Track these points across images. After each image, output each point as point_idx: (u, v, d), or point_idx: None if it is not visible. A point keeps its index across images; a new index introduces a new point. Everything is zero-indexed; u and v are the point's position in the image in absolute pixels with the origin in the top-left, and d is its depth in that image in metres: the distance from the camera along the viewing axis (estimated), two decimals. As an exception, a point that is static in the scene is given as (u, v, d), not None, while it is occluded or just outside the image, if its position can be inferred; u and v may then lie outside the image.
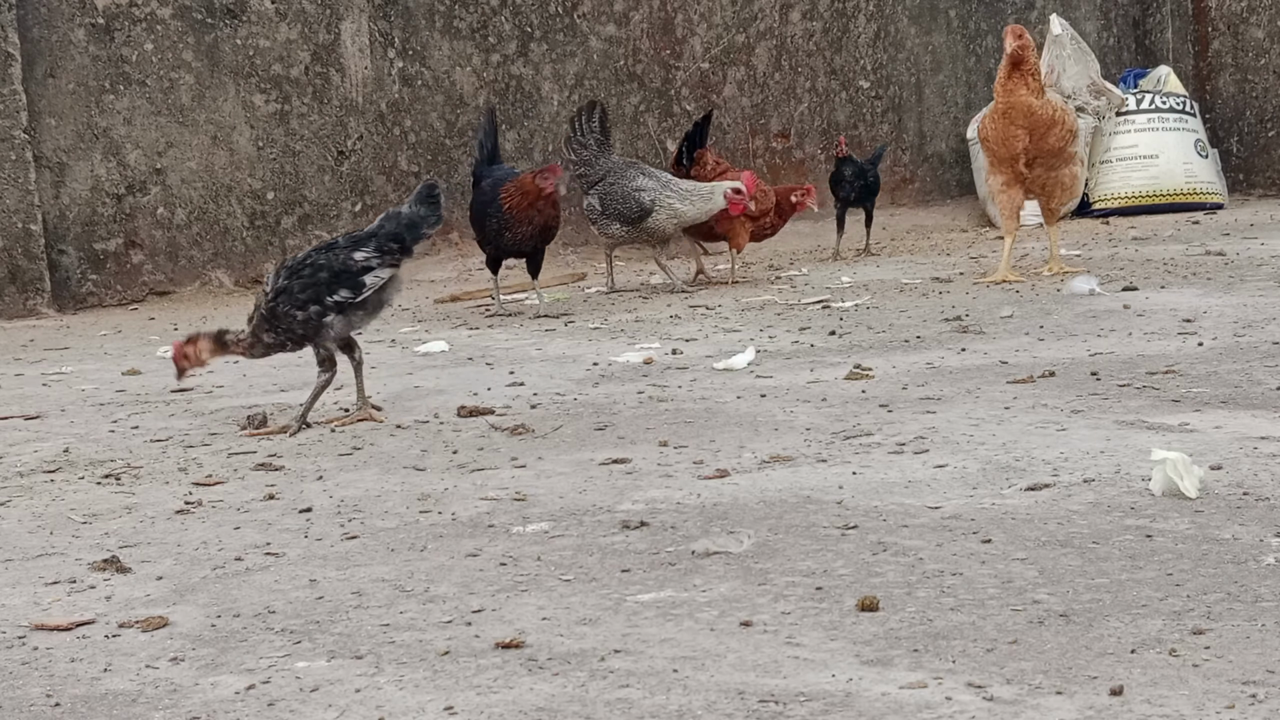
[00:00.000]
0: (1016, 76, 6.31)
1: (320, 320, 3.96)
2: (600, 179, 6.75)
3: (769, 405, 3.94)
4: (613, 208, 6.67)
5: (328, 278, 3.97)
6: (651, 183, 6.66)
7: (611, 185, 6.70)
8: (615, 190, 6.68)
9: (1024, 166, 6.34)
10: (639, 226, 6.66)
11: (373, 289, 4.00)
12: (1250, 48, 10.24)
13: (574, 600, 2.40)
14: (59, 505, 3.26)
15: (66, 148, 7.14)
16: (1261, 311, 5.05)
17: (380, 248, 4.03)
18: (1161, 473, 2.83)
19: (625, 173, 6.72)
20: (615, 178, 6.72)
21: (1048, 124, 6.28)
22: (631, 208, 6.62)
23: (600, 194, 6.72)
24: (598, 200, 6.73)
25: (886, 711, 1.88)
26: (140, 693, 2.10)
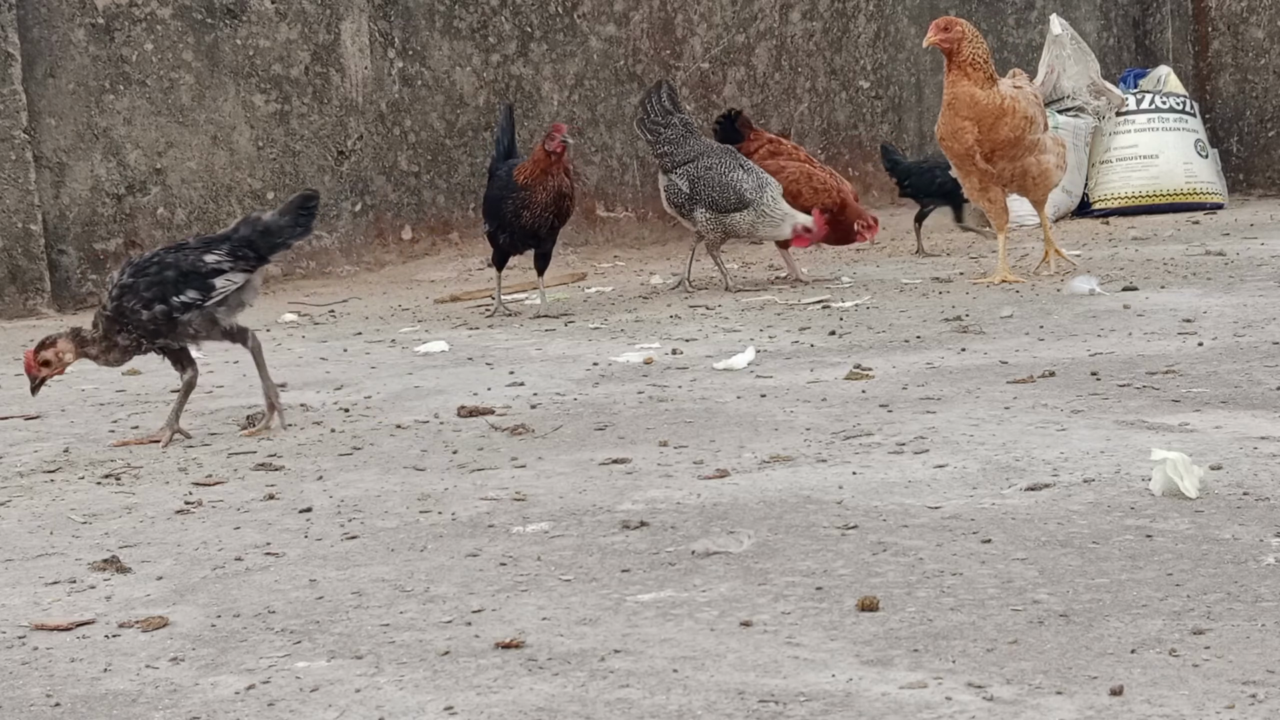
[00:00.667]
0: (956, 70, 6.22)
1: (169, 319, 3.85)
2: (690, 160, 6.54)
3: (769, 405, 3.94)
4: (706, 194, 6.46)
5: (175, 277, 3.86)
6: (750, 179, 6.46)
7: (708, 170, 6.47)
8: (713, 177, 6.45)
9: (984, 161, 6.22)
10: (726, 218, 6.47)
11: (223, 293, 3.89)
12: (1250, 48, 10.24)
13: (574, 600, 2.40)
14: (59, 505, 3.26)
15: (66, 148, 7.14)
16: (1261, 311, 5.05)
17: (233, 252, 3.92)
18: (1161, 473, 2.83)
19: (724, 160, 6.50)
20: (713, 163, 6.50)
21: (995, 114, 6.15)
22: (729, 198, 6.41)
23: (691, 176, 6.51)
24: (686, 183, 6.51)
25: (886, 711, 1.88)
26: (140, 693, 2.10)
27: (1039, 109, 6.36)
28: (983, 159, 6.23)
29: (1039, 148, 6.29)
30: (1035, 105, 6.33)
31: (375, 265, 7.91)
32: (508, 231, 6.10)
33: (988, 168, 6.24)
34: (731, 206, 6.41)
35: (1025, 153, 6.25)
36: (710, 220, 6.48)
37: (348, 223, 7.86)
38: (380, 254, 7.96)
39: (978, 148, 6.20)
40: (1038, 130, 6.29)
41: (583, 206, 8.50)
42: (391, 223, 7.98)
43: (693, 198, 6.47)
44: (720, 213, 6.45)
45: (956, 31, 6.21)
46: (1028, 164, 6.27)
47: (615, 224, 8.72)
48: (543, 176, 6.00)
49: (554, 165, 6.00)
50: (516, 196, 6.02)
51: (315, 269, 7.77)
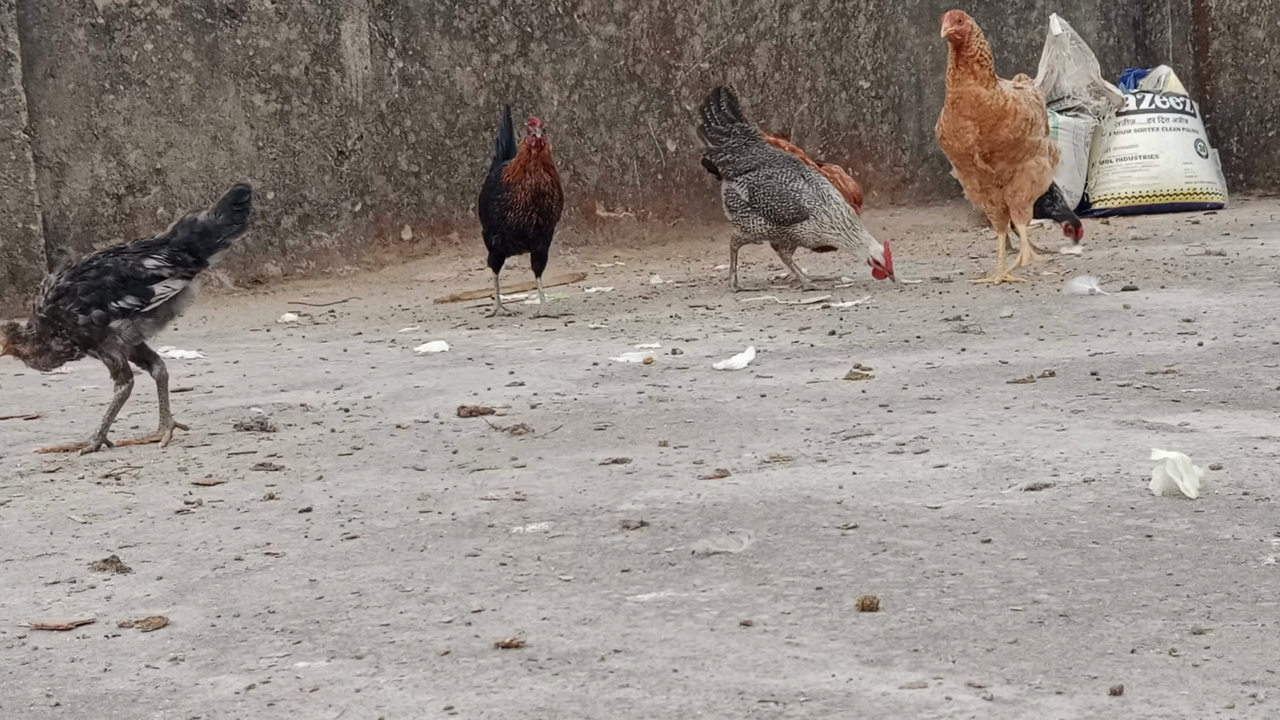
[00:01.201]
0: (962, 66, 6.19)
1: (105, 325, 3.79)
2: (752, 168, 6.44)
3: (769, 405, 3.94)
4: (765, 203, 6.36)
5: (114, 282, 3.80)
6: (810, 189, 6.34)
7: (769, 179, 6.38)
8: (772, 186, 6.36)
9: (983, 161, 6.20)
10: (785, 228, 6.37)
11: (162, 300, 3.83)
12: (1250, 48, 10.24)
13: (574, 600, 2.40)
14: (59, 505, 3.26)
15: (66, 148, 7.14)
16: (1261, 311, 5.05)
17: (173, 257, 3.85)
18: (1161, 473, 2.83)
19: (785, 169, 6.40)
20: (773, 171, 6.41)
21: (997, 115, 6.13)
22: (788, 208, 6.31)
23: (750, 184, 6.41)
24: (746, 190, 6.41)
25: (886, 711, 1.88)
26: (140, 693, 2.10)
27: (1040, 111, 6.34)
28: (982, 159, 6.20)
29: (1038, 150, 6.26)
30: (1036, 107, 6.31)
31: (375, 265, 7.91)
32: (498, 233, 6.12)
33: (986, 168, 6.22)
34: (790, 217, 6.32)
35: (1025, 155, 6.23)
36: (770, 229, 6.40)
37: (348, 223, 7.86)
38: (380, 254, 7.96)
39: (977, 148, 6.17)
40: (1038, 132, 6.26)
41: (582, 206, 8.50)
42: (391, 223, 7.98)
43: (751, 206, 6.40)
44: (780, 224, 6.36)
45: (968, 24, 6.21)
46: (1028, 165, 6.24)
47: (615, 224, 8.72)
48: (522, 174, 5.99)
49: (533, 160, 5.97)
50: (501, 197, 6.02)
51: (315, 269, 7.77)
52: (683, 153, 8.88)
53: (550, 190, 6.04)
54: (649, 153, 8.74)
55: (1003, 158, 6.21)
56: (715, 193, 8.99)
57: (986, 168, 6.23)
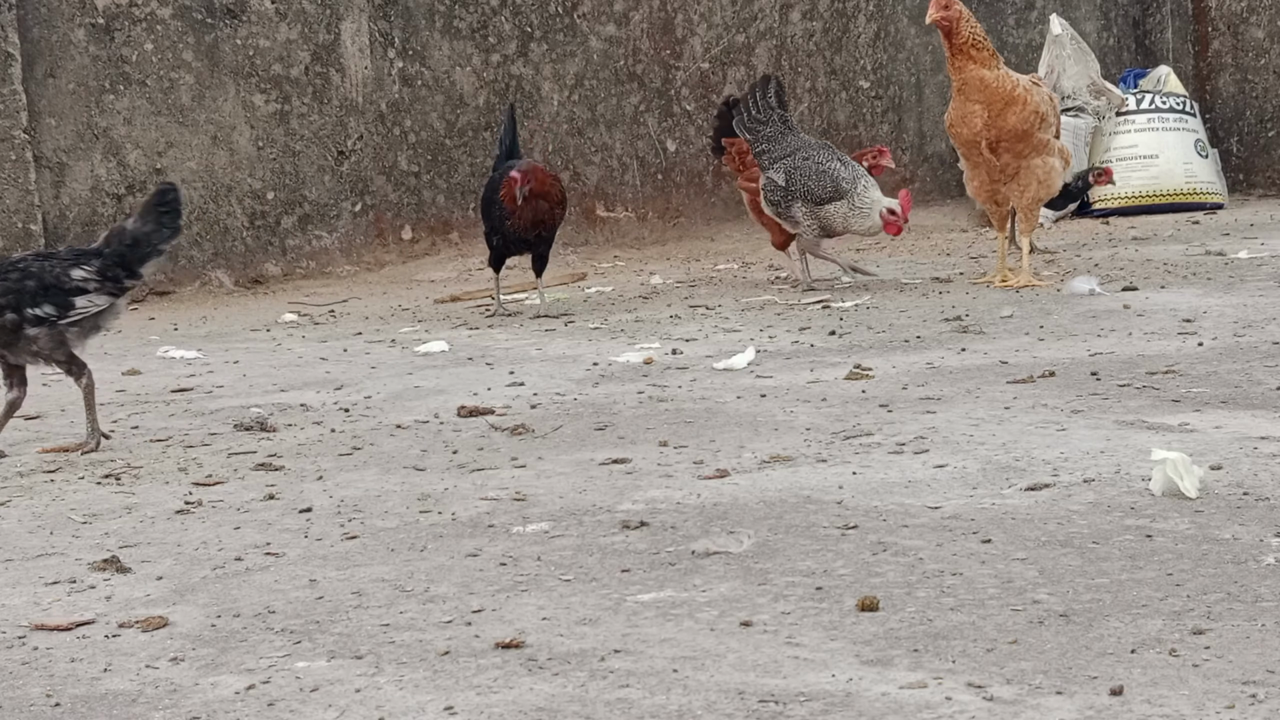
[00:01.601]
0: (958, 53, 6.11)
1: (18, 331, 3.64)
2: (787, 155, 6.34)
3: (769, 405, 3.94)
4: (801, 184, 6.24)
5: (34, 288, 3.64)
6: (846, 170, 6.23)
7: (804, 160, 6.27)
8: (808, 166, 6.25)
9: (989, 151, 6.05)
10: (820, 210, 6.22)
11: (83, 314, 3.67)
12: (1250, 48, 10.24)
13: (574, 600, 2.40)
14: (59, 505, 3.26)
15: (66, 148, 7.14)
16: (1261, 311, 5.06)
17: (103, 271, 3.67)
18: (1161, 473, 2.83)
19: (819, 151, 6.32)
20: (808, 153, 6.31)
21: (1005, 99, 6.01)
22: (826, 186, 6.19)
23: (787, 169, 6.30)
24: (782, 176, 6.30)
25: (886, 711, 1.88)
26: (140, 693, 2.10)
27: (1052, 110, 6.21)
28: (988, 148, 6.05)
29: (1047, 149, 6.15)
30: (1049, 105, 6.20)
31: (375, 265, 7.91)
32: (499, 235, 6.10)
33: (992, 159, 6.07)
34: (827, 196, 6.19)
35: (1034, 151, 6.10)
36: (807, 214, 6.27)
37: (348, 223, 7.85)
38: (380, 254, 7.96)
39: (985, 133, 6.02)
40: (1048, 130, 6.14)
41: (583, 206, 8.50)
42: (391, 223, 7.98)
43: (789, 191, 6.27)
44: (816, 204, 6.22)
45: (955, 10, 6.10)
46: (1034, 164, 6.11)
47: (615, 224, 8.72)
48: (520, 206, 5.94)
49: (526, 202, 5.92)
50: (503, 208, 6.00)
51: (315, 269, 7.77)
52: (683, 153, 8.88)
53: (547, 216, 6.01)
54: (649, 153, 8.74)
55: (1009, 150, 6.07)
56: (715, 193, 9.01)
57: (992, 159, 6.07)
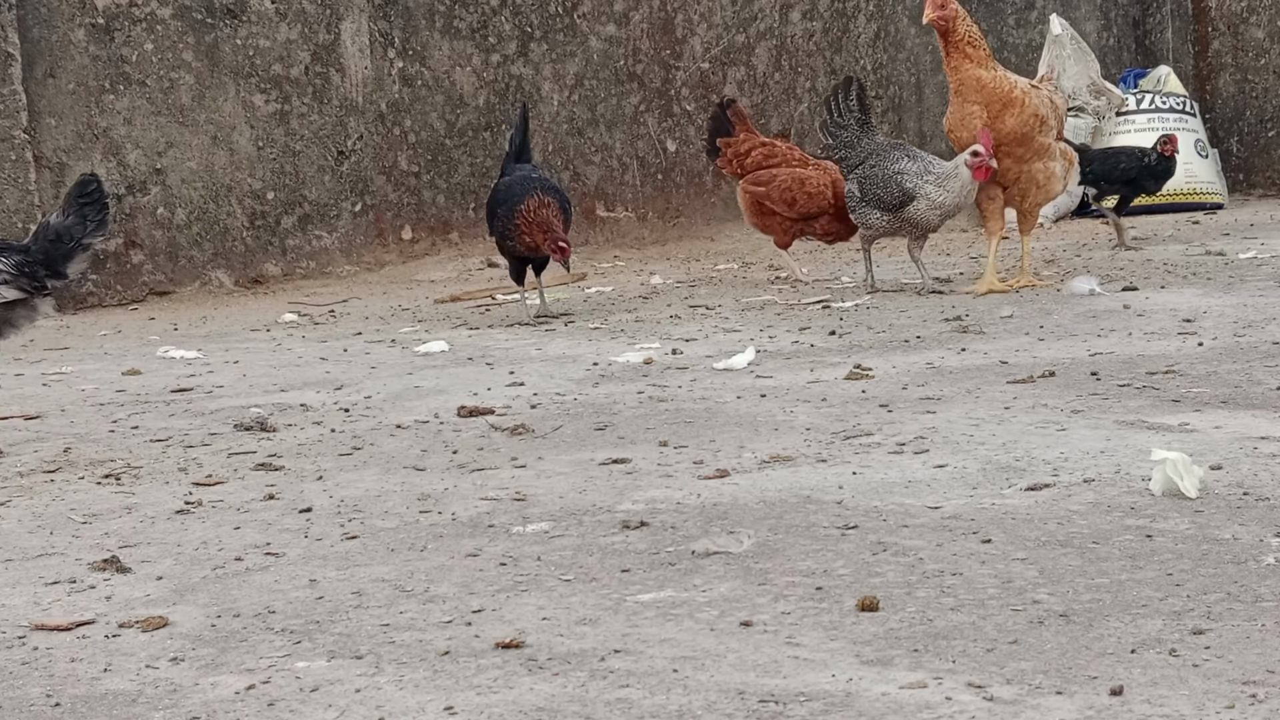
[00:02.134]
0: (954, 52, 6.07)
1: None
2: (861, 162, 6.24)
3: (769, 405, 3.94)
4: (871, 193, 6.13)
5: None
6: (913, 165, 6.08)
7: (872, 168, 6.16)
8: (876, 173, 6.14)
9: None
10: (898, 215, 6.10)
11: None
12: (1250, 48, 10.25)
13: (574, 600, 2.40)
14: (59, 505, 3.25)
15: (66, 148, 7.14)
16: (1261, 311, 5.06)
17: (19, 266, 3.50)
18: (1161, 473, 2.83)
19: (888, 154, 6.17)
20: (877, 160, 6.18)
21: (1003, 100, 5.99)
22: (892, 192, 6.07)
23: (860, 179, 6.21)
24: (857, 185, 6.22)
25: (886, 711, 1.88)
26: (140, 693, 2.10)
27: (1053, 112, 6.13)
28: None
29: (1047, 152, 6.08)
30: (1049, 108, 6.12)
31: (375, 265, 7.91)
32: (497, 234, 6.00)
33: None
34: (897, 202, 6.07)
35: (1034, 155, 6.05)
36: (891, 220, 6.13)
37: (348, 223, 7.85)
38: (380, 254, 7.96)
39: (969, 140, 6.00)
40: (1049, 133, 6.07)
41: (583, 206, 8.50)
42: (391, 223, 7.98)
43: (864, 200, 6.18)
44: (892, 211, 6.11)
45: (951, 9, 6.08)
46: (1034, 168, 6.06)
47: (615, 224, 8.72)
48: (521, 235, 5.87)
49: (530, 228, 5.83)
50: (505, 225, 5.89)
51: (315, 269, 7.77)
52: (683, 153, 8.89)
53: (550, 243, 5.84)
54: (649, 153, 8.74)
55: (1008, 155, 6.00)
56: (715, 193, 9.01)
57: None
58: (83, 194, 3.51)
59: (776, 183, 6.73)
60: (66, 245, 3.52)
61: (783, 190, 6.71)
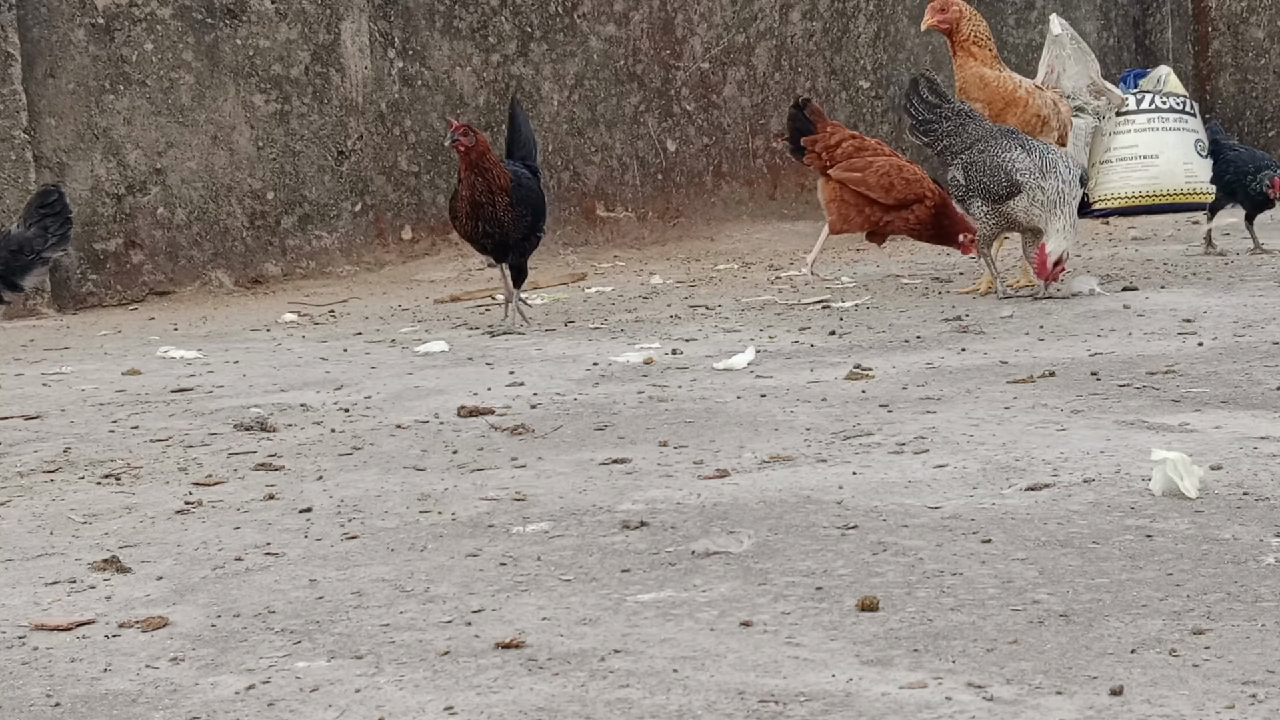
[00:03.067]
0: (960, 51, 6.07)
1: None
2: (967, 147, 5.82)
3: (769, 405, 3.94)
4: (978, 181, 5.69)
5: None
6: (1028, 160, 5.64)
7: (980, 154, 5.73)
8: (984, 160, 5.70)
9: None
10: (1002, 207, 5.67)
11: None
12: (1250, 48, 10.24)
13: (574, 600, 2.40)
14: (59, 505, 3.25)
15: (66, 148, 7.14)
16: (1261, 311, 5.06)
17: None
18: (1161, 473, 2.83)
19: (999, 141, 5.74)
20: (986, 145, 5.76)
21: (1006, 99, 5.99)
22: (1000, 181, 5.63)
23: (965, 164, 5.78)
24: (961, 172, 5.79)
25: (886, 711, 1.88)
26: (140, 693, 2.10)
27: (1055, 114, 6.10)
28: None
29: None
30: (1051, 109, 6.10)
31: (375, 265, 7.91)
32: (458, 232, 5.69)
33: None
34: (1004, 193, 5.64)
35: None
36: (990, 212, 5.74)
37: (348, 223, 7.85)
38: (380, 254, 7.96)
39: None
40: (1050, 135, 6.05)
41: (582, 206, 8.50)
42: (391, 223, 7.98)
43: (969, 188, 5.77)
44: (995, 202, 5.69)
45: (954, 11, 6.06)
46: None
47: (615, 224, 8.72)
48: (459, 183, 5.54)
49: (463, 169, 5.47)
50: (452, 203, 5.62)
51: (315, 269, 7.77)
52: (683, 153, 8.89)
53: (485, 199, 5.46)
54: (649, 153, 8.74)
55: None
56: (715, 193, 9.01)
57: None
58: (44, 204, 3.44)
59: (874, 168, 6.65)
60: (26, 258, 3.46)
61: (880, 175, 6.64)
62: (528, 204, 5.52)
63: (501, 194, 5.43)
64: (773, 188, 9.20)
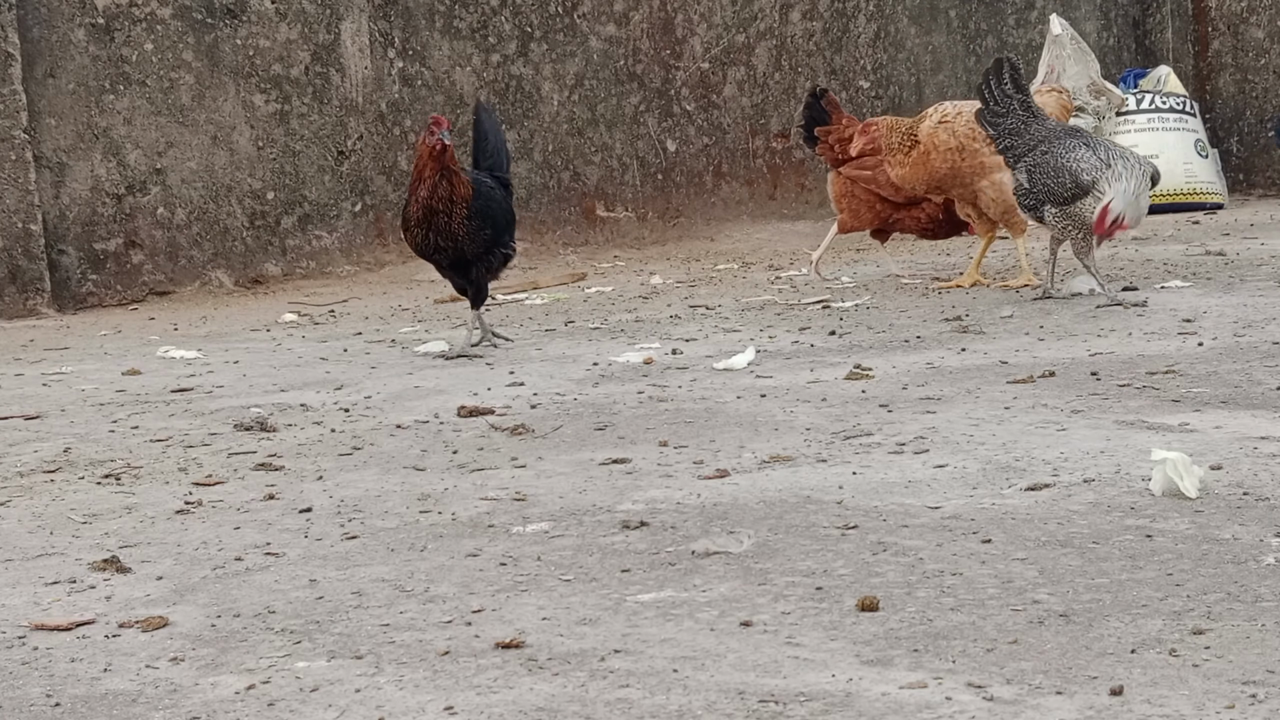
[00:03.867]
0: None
1: None
2: (1031, 149, 5.53)
3: (769, 405, 3.94)
4: (1041, 183, 5.43)
5: None
6: (1094, 158, 5.37)
7: (1044, 155, 5.46)
8: (1047, 162, 5.43)
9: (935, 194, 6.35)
10: (1069, 210, 5.39)
11: None
12: (1250, 48, 10.25)
13: (574, 600, 2.40)
14: (59, 505, 3.25)
15: (66, 148, 7.15)
16: (1261, 311, 5.05)
17: None
18: (1161, 473, 2.83)
19: (1062, 140, 5.48)
20: (1050, 146, 5.47)
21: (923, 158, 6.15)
22: (1065, 183, 5.36)
23: (1029, 167, 5.51)
24: (1025, 175, 5.51)
25: (886, 711, 1.88)
26: (140, 693, 2.10)
27: (970, 135, 6.05)
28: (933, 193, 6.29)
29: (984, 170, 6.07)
30: (965, 133, 6.05)
31: (375, 265, 7.91)
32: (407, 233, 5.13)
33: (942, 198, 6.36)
34: (1069, 195, 5.37)
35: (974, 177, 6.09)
36: (1058, 216, 5.43)
37: (348, 223, 7.85)
38: (380, 254, 7.96)
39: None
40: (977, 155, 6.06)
41: (582, 206, 8.51)
42: (391, 223, 7.98)
43: (1033, 193, 5.48)
44: (1063, 205, 5.40)
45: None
46: (981, 186, 6.10)
47: (615, 224, 8.72)
48: (416, 184, 5.02)
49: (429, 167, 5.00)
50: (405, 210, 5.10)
51: (315, 269, 7.77)
52: (683, 153, 8.89)
53: (446, 207, 4.98)
54: (649, 153, 8.74)
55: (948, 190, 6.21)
56: (715, 193, 9.01)
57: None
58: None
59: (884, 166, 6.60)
60: None
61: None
62: (487, 217, 5.03)
63: (461, 204, 4.96)
64: (773, 188, 9.21)
